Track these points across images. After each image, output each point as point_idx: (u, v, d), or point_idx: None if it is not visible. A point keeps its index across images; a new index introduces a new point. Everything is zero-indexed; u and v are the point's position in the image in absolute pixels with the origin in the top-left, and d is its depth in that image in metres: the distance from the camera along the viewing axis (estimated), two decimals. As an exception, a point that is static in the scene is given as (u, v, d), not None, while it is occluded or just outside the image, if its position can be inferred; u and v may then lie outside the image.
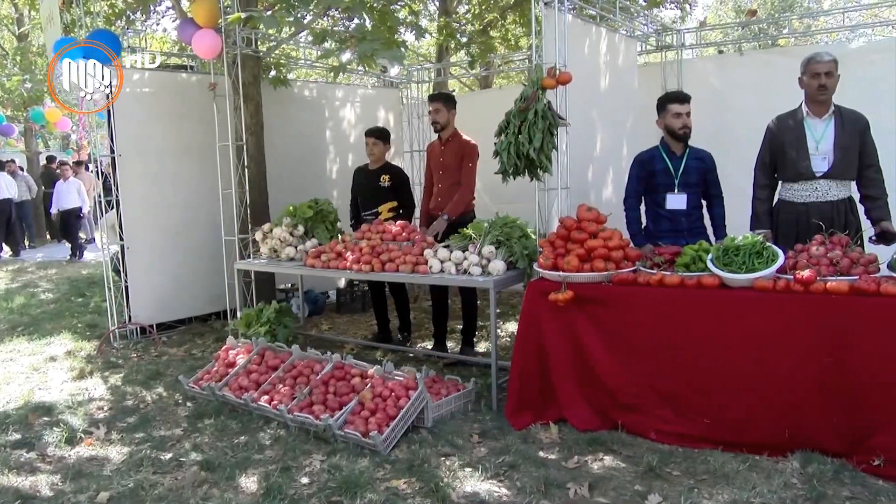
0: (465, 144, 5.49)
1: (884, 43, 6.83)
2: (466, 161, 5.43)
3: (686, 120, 4.44)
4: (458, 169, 5.46)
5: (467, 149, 5.47)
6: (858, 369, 3.20)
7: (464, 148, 5.47)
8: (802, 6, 19.62)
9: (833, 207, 4.16)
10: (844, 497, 3.04)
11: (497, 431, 3.94)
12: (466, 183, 5.44)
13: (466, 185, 5.44)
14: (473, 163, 5.42)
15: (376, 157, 5.95)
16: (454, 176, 5.49)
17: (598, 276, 3.82)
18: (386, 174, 5.90)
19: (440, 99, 5.60)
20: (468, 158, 5.44)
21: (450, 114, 5.54)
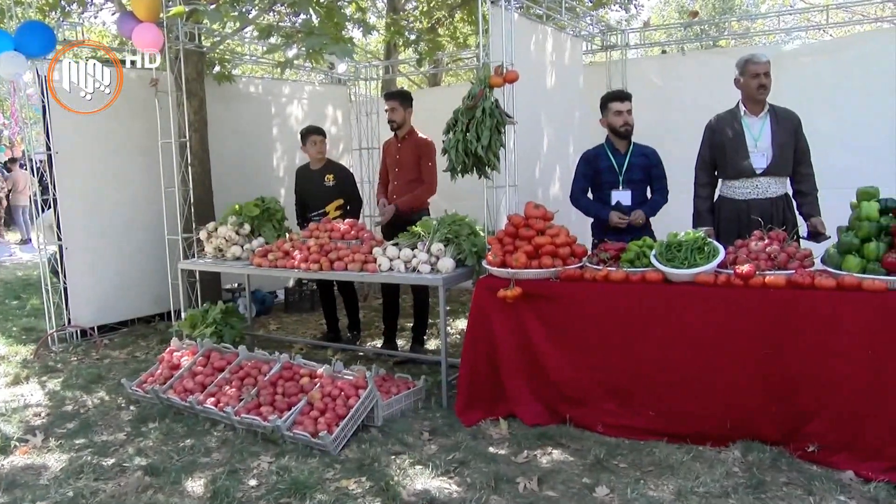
0: (421, 143, 5.48)
1: (816, 45, 7.09)
2: (425, 160, 5.42)
3: (627, 118, 4.52)
4: (415, 167, 5.44)
5: (424, 147, 5.45)
6: (795, 360, 3.32)
7: (420, 146, 5.46)
8: (742, 9, 20.19)
9: (772, 204, 4.29)
10: (782, 483, 3.14)
11: (447, 428, 3.95)
12: (429, 181, 5.43)
13: (429, 183, 5.44)
14: (433, 161, 5.41)
15: (319, 156, 5.89)
16: (410, 174, 5.47)
17: (545, 273, 3.86)
18: (330, 173, 5.86)
19: (396, 97, 5.56)
20: (427, 157, 5.42)
21: (406, 112, 5.51)
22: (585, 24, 6.61)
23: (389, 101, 5.54)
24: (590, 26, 6.70)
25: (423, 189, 5.44)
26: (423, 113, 6.52)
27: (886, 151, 5.76)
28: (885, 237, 3.29)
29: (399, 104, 5.47)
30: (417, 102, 5.67)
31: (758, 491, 3.07)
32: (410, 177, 5.46)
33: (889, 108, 5.81)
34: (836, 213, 3.68)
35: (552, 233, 3.98)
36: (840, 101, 5.90)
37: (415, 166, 5.44)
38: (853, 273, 3.24)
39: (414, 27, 9.19)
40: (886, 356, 3.12)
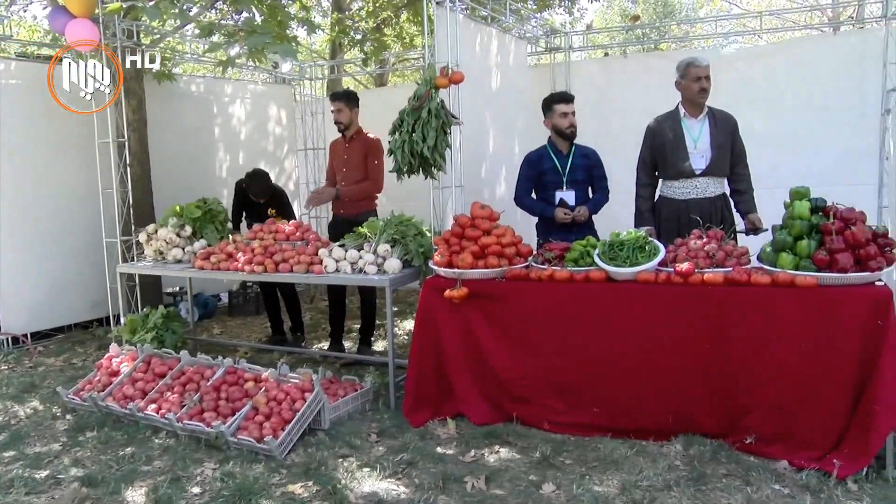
0: (369, 142, 5.44)
1: (752, 50, 7.34)
2: (372, 158, 5.38)
3: (572, 119, 4.58)
4: (362, 167, 5.40)
5: (372, 146, 5.41)
6: (733, 354, 3.42)
7: (368, 146, 5.42)
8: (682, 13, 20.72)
9: (710, 203, 4.41)
10: (721, 475, 3.23)
11: (395, 430, 3.94)
12: (374, 178, 5.40)
13: (374, 180, 5.40)
14: (380, 159, 5.36)
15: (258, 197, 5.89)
16: (358, 174, 5.42)
17: (491, 273, 3.89)
18: (273, 207, 5.86)
19: (342, 98, 5.50)
20: (373, 155, 5.38)
21: (352, 112, 5.46)
22: (530, 26, 6.68)
23: (335, 102, 5.49)
24: (534, 28, 6.78)
25: (368, 183, 5.40)
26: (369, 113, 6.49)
27: (818, 152, 6.00)
28: (815, 235, 3.41)
29: (345, 105, 5.43)
30: (364, 103, 5.63)
31: (699, 483, 3.15)
32: (358, 177, 5.43)
33: (819, 111, 6.05)
34: (770, 211, 3.81)
35: (498, 233, 4.01)
36: (774, 103, 6.11)
37: (362, 166, 5.41)
38: (787, 270, 3.35)
39: (359, 27, 9.14)
40: (817, 350, 3.25)
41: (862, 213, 3.40)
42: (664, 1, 20.81)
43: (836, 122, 6.02)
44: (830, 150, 6.01)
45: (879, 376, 3.11)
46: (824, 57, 6.16)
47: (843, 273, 3.23)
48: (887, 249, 3.32)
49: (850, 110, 5.96)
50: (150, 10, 4.84)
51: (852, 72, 5.98)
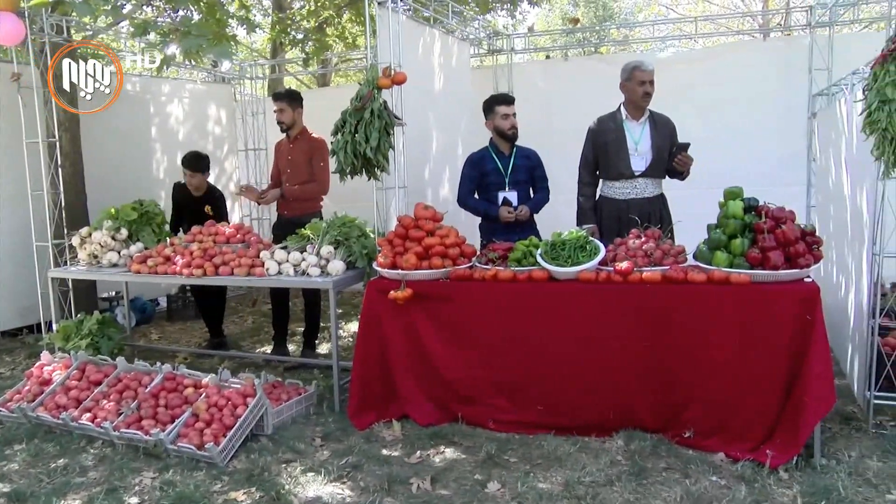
0: (313, 142, 5.36)
1: (688, 54, 7.54)
2: (317, 160, 5.30)
3: (513, 121, 4.63)
4: (307, 167, 5.32)
5: (316, 147, 5.33)
6: (671, 351, 3.51)
7: (313, 146, 5.34)
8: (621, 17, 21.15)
9: (649, 203, 4.52)
10: (662, 469, 3.31)
11: (340, 433, 3.90)
12: (320, 179, 5.33)
13: (320, 181, 5.34)
14: (325, 160, 5.28)
15: (196, 187, 5.75)
16: (303, 174, 5.34)
17: (435, 273, 3.89)
18: (209, 204, 5.74)
19: (284, 98, 5.40)
20: (318, 156, 5.31)
21: (295, 112, 5.37)
22: (473, 28, 6.72)
23: (277, 102, 5.40)
24: (477, 31, 6.82)
25: (314, 185, 5.34)
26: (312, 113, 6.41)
27: (751, 153, 6.21)
28: (748, 234, 3.52)
29: (287, 104, 5.35)
30: (306, 103, 5.57)
31: (640, 477, 3.22)
32: (303, 178, 5.35)
33: (751, 114, 6.26)
34: (705, 211, 3.91)
35: (442, 233, 4.01)
36: (709, 106, 6.30)
37: (307, 167, 5.34)
38: (721, 268, 3.45)
39: (301, 26, 9.03)
40: (750, 345, 3.36)
41: (792, 212, 3.53)
42: (604, 5, 21.22)
43: (768, 125, 6.25)
44: (763, 152, 6.23)
45: (808, 369, 3.23)
46: (755, 62, 6.39)
47: (775, 270, 3.35)
48: (815, 247, 3.46)
49: (780, 113, 6.20)
50: (79, 6, 4.67)
51: (781, 77, 6.22)
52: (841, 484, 3.06)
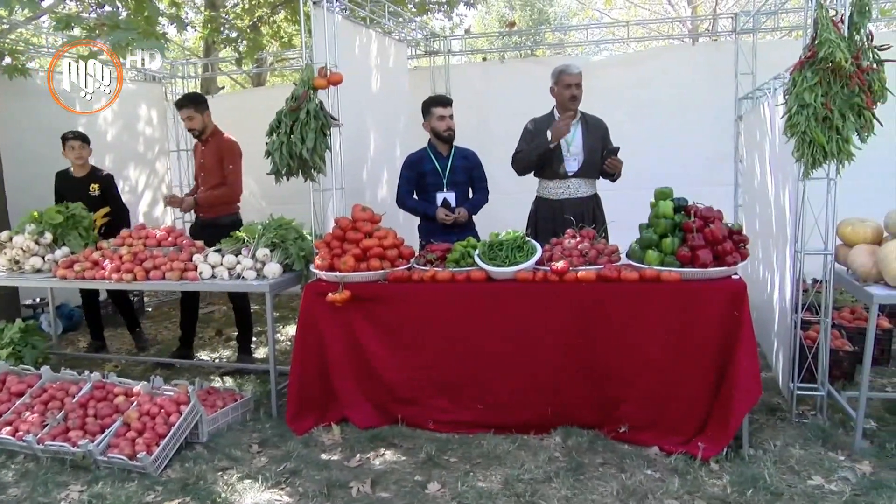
0: (223, 144, 5.17)
1: (620, 57, 7.72)
2: (227, 162, 5.13)
3: (450, 122, 4.65)
4: (219, 170, 5.15)
5: (226, 149, 5.15)
6: (606, 347, 3.58)
7: (223, 149, 5.15)
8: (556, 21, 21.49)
9: (583, 203, 4.60)
10: (598, 464, 3.38)
11: (278, 439, 3.84)
12: (230, 183, 5.17)
13: (230, 185, 5.17)
14: (235, 163, 5.14)
15: (80, 162, 5.55)
16: (215, 178, 5.18)
17: (374, 275, 3.87)
18: (94, 182, 5.55)
19: (189, 104, 5.15)
20: (229, 159, 5.13)
21: (204, 116, 5.16)
22: (410, 29, 6.72)
23: (184, 111, 5.16)
24: (414, 32, 6.82)
25: (224, 189, 5.16)
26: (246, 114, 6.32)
27: (682, 155, 6.40)
28: (678, 233, 3.63)
29: (194, 110, 5.11)
30: (241, 103, 5.48)
31: (577, 473, 3.27)
32: (215, 181, 5.17)
33: (682, 117, 6.46)
34: (637, 211, 4.01)
35: (380, 235, 4.00)
36: (641, 108, 6.46)
37: (219, 169, 5.15)
38: (653, 266, 3.55)
39: (234, 25, 8.85)
40: (681, 341, 3.46)
41: (719, 211, 3.65)
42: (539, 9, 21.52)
43: (697, 127, 6.45)
44: (692, 153, 6.43)
45: (736, 363, 3.35)
46: (685, 66, 6.59)
47: (704, 268, 3.46)
48: (741, 245, 3.59)
49: (708, 116, 6.42)
50: (-8, -2, 4.45)
51: (709, 80, 6.44)
52: (767, 472, 3.18)
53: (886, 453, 3.36)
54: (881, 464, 3.28)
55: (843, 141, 3.44)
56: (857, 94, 3.41)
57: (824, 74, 3.42)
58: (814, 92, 3.42)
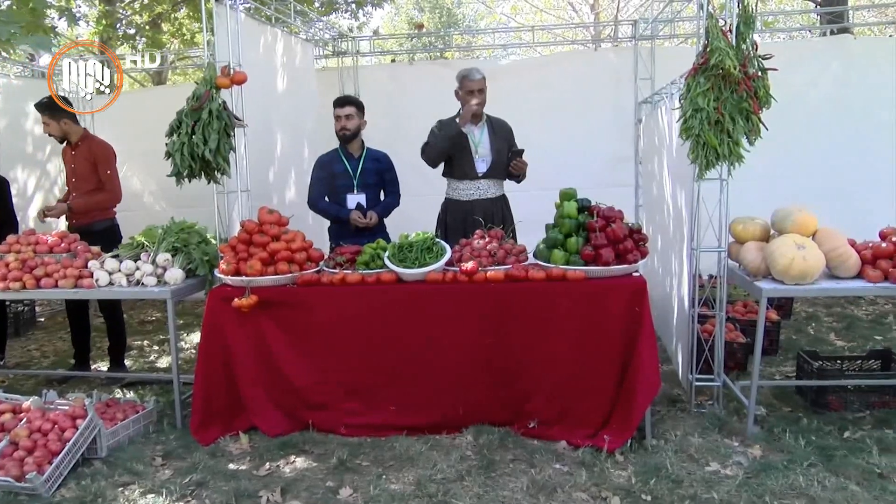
0: (96, 149, 4.91)
1: (528, 61, 7.90)
2: (103, 167, 4.86)
3: (345, 122, 4.61)
4: (93, 175, 4.88)
5: (100, 154, 4.89)
6: (515, 346, 3.64)
7: (96, 153, 4.89)
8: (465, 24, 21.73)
9: (492, 204, 4.67)
10: (509, 460, 3.43)
11: (183, 450, 3.70)
12: (109, 188, 4.89)
13: (109, 191, 4.90)
14: (112, 168, 4.90)
15: None
16: (88, 183, 4.90)
17: (282, 279, 3.79)
18: None
19: (42, 111, 4.84)
20: (104, 164, 4.87)
21: (62, 123, 4.85)
22: (317, 29, 6.63)
23: (42, 116, 4.86)
24: (321, 32, 6.74)
25: (103, 196, 4.90)
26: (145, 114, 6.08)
27: (586, 156, 6.60)
28: (582, 232, 3.74)
29: (49, 117, 4.83)
30: (140, 103, 5.25)
31: (489, 470, 3.32)
32: (89, 187, 4.90)
33: (586, 119, 6.66)
34: (543, 211, 4.10)
35: (287, 238, 3.92)
36: (547, 111, 6.62)
37: (93, 175, 4.89)
38: (559, 265, 3.64)
39: (133, 21, 8.48)
40: (586, 337, 3.56)
41: (620, 211, 3.79)
42: (448, 11, 21.70)
43: (600, 130, 6.67)
44: (596, 155, 6.64)
45: (638, 357, 3.48)
46: (589, 70, 6.80)
47: (607, 266, 3.57)
48: (641, 244, 3.73)
49: (610, 119, 6.65)
50: None
51: (611, 85, 6.67)
52: (668, 461, 3.32)
53: (775, 437, 3.57)
54: (770, 447, 3.48)
55: (734, 144, 3.64)
56: (745, 99, 3.61)
57: (716, 80, 3.60)
58: (706, 97, 3.60)
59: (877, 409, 3.88)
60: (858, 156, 6.44)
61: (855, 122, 6.42)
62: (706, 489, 3.09)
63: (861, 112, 6.42)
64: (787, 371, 4.64)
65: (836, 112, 6.43)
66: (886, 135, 6.44)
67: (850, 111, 6.43)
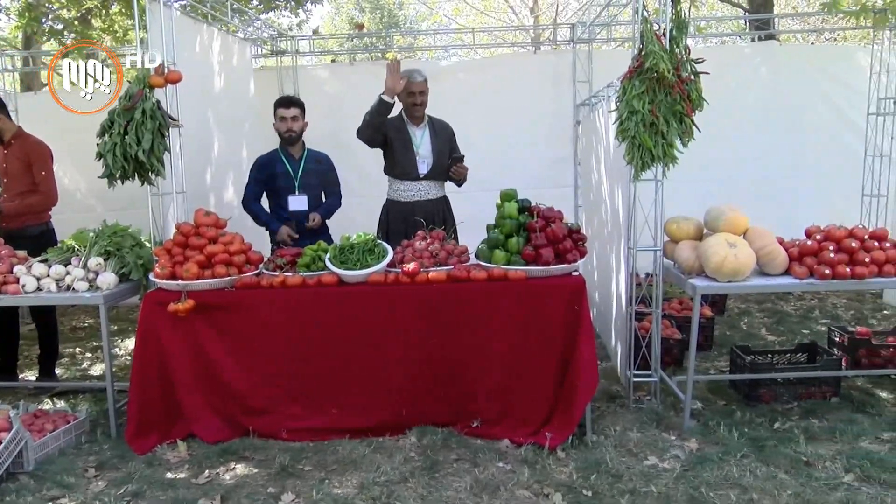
0: (31, 148, 4.69)
1: (469, 63, 7.94)
2: (38, 168, 4.65)
3: (291, 124, 4.56)
4: (27, 176, 4.66)
5: (35, 153, 4.68)
6: (457, 346, 3.66)
7: (30, 153, 4.67)
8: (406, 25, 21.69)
9: (433, 205, 4.68)
10: (452, 460, 3.44)
11: (118, 460, 3.58)
12: (44, 191, 4.67)
13: (44, 193, 4.68)
14: (48, 169, 4.69)
15: None
16: (21, 184, 4.67)
17: (220, 283, 3.71)
18: None
19: None
20: (39, 164, 4.66)
21: None
22: (255, 27, 6.51)
23: None
24: (259, 30, 6.63)
25: (37, 198, 4.68)
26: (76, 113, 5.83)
27: (528, 157, 6.68)
28: (523, 233, 3.78)
29: None
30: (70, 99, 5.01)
31: (432, 471, 3.32)
32: (22, 188, 4.68)
33: (527, 121, 6.73)
34: (485, 212, 4.13)
35: (225, 241, 3.84)
36: (488, 112, 6.67)
37: (26, 175, 4.66)
38: (500, 265, 3.67)
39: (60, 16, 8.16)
40: (528, 336, 3.61)
41: (560, 211, 3.84)
42: (389, 11, 21.64)
43: (540, 131, 6.76)
44: (536, 156, 6.73)
45: (578, 355, 3.54)
46: (529, 73, 6.88)
47: (547, 266, 3.62)
48: (580, 243, 3.79)
49: (550, 121, 6.74)
50: None
51: (551, 87, 6.77)
52: (608, 456, 3.38)
53: (710, 430, 3.69)
54: (706, 440, 3.59)
55: (668, 145, 3.74)
56: (679, 102, 3.72)
57: (650, 83, 3.69)
58: (642, 99, 3.69)
59: (804, 400, 4.04)
60: (786, 157, 6.72)
61: (782, 124, 6.70)
62: (645, 483, 3.16)
63: (788, 115, 6.70)
64: (722, 366, 4.79)
65: (764, 115, 6.69)
66: (812, 137, 6.74)
67: (777, 114, 6.70)
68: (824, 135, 6.75)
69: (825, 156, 6.75)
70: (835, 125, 6.82)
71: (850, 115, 6.80)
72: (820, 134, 6.74)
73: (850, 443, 3.49)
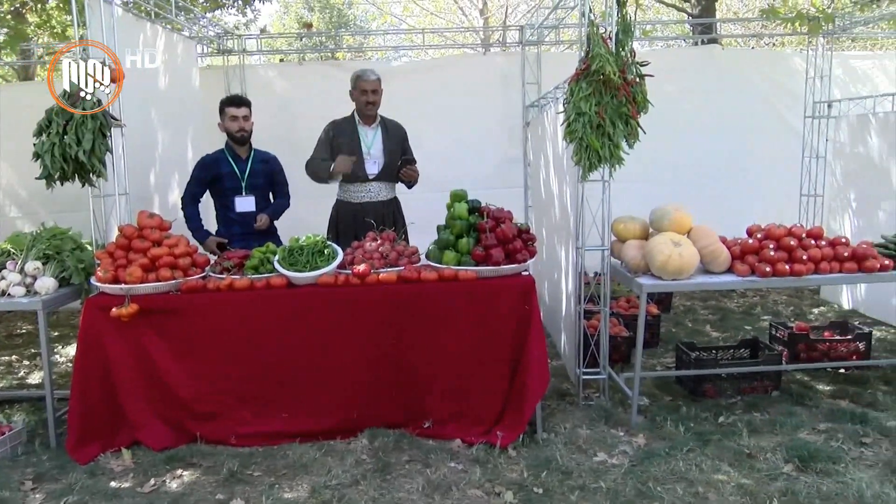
0: None
1: (419, 63, 7.94)
2: None
3: (243, 123, 4.49)
4: None
5: None
6: (409, 347, 3.65)
7: None
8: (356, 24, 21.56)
9: (384, 206, 4.67)
10: (404, 461, 3.43)
11: (58, 471, 3.46)
12: None
13: None
14: None
15: None
16: None
17: (164, 286, 3.63)
18: None
19: None
20: None
21: None
22: (201, 26, 6.39)
23: None
24: (205, 29, 6.50)
25: None
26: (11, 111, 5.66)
27: (479, 158, 6.71)
28: (473, 233, 3.79)
29: None
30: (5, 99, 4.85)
31: (384, 473, 3.31)
32: None
33: (475, 121, 6.76)
34: (435, 212, 4.14)
35: (170, 243, 3.75)
36: (439, 113, 6.68)
37: None
38: (451, 266, 3.67)
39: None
40: (479, 336, 3.62)
41: (510, 212, 3.87)
42: (339, 11, 21.47)
43: (490, 132, 6.80)
44: (486, 157, 6.77)
45: (528, 354, 3.58)
46: (479, 74, 6.92)
47: (497, 266, 3.64)
48: (530, 243, 3.83)
49: (500, 122, 6.79)
50: None
51: (501, 88, 6.82)
52: (559, 453, 3.43)
53: (657, 426, 3.77)
54: (653, 435, 3.66)
55: (615, 146, 3.80)
56: (625, 104, 3.79)
57: (597, 86, 3.75)
58: (588, 101, 3.74)
59: (746, 394, 4.16)
60: (728, 158, 6.91)
61: (725, 126, 6.88)
62: (594, 479, 3.21)
63: (730, 117, 6.88)
64: (668, 362, 4.90)
65: (708, 117, 6.87)
66: (754, 139, 6.94)
67: (720, 116, 6.88)
68: (764, 137, 6.96)
69: (765, 157, 6.96)
70: (774, 127, 7.04)
71: (787, 118, 7.03)
72: (760, 136, 6.95)
73: (789, 434, 3.61)
